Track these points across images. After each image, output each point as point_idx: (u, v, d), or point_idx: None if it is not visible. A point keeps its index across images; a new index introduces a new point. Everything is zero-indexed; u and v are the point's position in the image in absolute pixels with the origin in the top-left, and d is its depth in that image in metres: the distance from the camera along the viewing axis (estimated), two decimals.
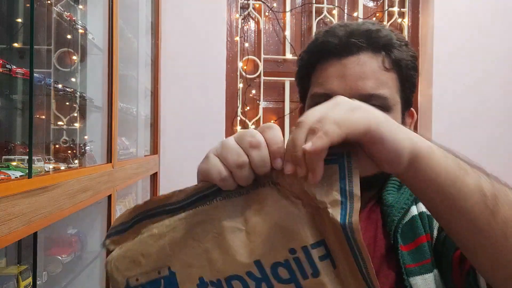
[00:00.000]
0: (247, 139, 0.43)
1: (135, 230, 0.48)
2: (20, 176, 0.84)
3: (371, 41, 0.68)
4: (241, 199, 0.45)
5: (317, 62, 0.71)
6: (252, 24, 2.70)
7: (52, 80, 1.19)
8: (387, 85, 0.68)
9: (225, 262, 0.44)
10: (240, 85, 2.62)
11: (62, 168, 1.19)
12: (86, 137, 1.51)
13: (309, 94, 0.73)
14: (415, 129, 0.75)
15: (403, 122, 0.73)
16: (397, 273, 0.65)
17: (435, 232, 0.67)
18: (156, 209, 0.47)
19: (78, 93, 1.42)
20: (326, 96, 0.66)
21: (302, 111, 0.79)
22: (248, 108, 2.65)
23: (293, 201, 0.44)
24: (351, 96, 0.64)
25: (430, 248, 0.66)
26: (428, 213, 0.67)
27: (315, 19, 2.69)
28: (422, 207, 0.69)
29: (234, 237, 0.44)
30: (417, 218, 0.67)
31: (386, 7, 2.77)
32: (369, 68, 0.67)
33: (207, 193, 0.46)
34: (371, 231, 0.70)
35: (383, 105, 0.67)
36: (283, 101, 2.69)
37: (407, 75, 0.71)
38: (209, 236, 0.45)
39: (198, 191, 0.46)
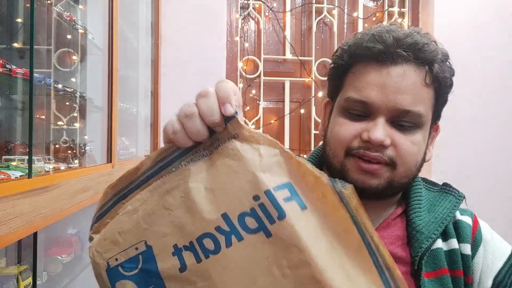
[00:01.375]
0: (197, 93, 0.48)
1: (112, 214, 0.49)
2: (20, 176, 0.84)
3: (417, 54, 0.66)
4: (205, 161, 0.47)
5: (354, 64, 0.70)
6: (252, 24, 2.70)
7: (52, 80, 1.19)
8: (424, 102, 0.67)
9: (194, 223, 0.45)
10: (240, 85, 2.62)
11: (62, 168, 1.19)
12: (86, 137, 1.51)
13: (342, 95, 0.71)
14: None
15: (428, 137, 0.73)
16: None
17: (479, 276, 0.70)
18: (128, 186, 0.48)
19: (78, 93, 1.42)
20: (362, 103, 0.66)
21: (328, 106, 0.78)
22: (248, 108, 2.65)
23: (254, 147, 0.45)
24: (388, 108, 0.65)
25: (455, 282, 0.68)
26: (464, 252, 0.70)
27: (315, 19, 2.69)
28: (453, 244, 0.70)
29: (200, 196, 0.45)
30: (442, 250, 0.69)
31: (386, 7, 2.77)
32: (410, 82, 0.66)
33: (172, 157, 0.47)
34: (390, 246, 0.70)
35: (416, 123, 0.66)
36: (283, 101, 2.69)
37: (444, 91, 0.71)
38: (178, 201, 0.46)
39: (162, 154, 0.48)
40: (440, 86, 0.70)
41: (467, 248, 0.70)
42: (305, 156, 0.86)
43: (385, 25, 0.71)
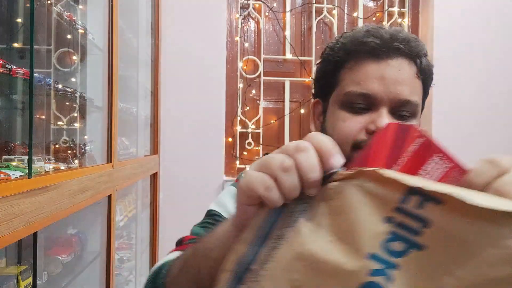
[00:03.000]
0: (290, 146, 0.40)
1: None
2: (20, 176, 0.84)
3: (410, 48, 0.70)
4: (305, 216, 0.41)
5: (350, 60, 0.72)
6: (252, 24, 2.70)
7: (52, 80, 1.19)
8: (417, 93, 0.71)
9: (340, 283, 0.38)
10: (240, 85, 2.62)
11: (62, 168, 1.19)
12: (86, 137, 1.51)
13: (339, 91, 0.72)
14: None
15: None
16: None
17: None
18: (239, 271, 0.42)
19: (78, 93, 1.42)
20: (364, 96, 0.68)
21: (318, 106, 0.79)
22: (248, 108, 2.65)
23: (352, 183, 0.40)
24: (389, 99, 0.67)
25: None
26: None
27: (315, 19, 2.69)
28: None
29: (327, 253, 0.39)
30: None
31: (386, 7, 2.77)
32: (406, 74, 0.69)
33: (268, 225, 0.41)
34: None
35: (413, 112, 0.71)
36: (283, 101, 2.69)
37: (429, 84, 0.75)
38: (304, 271, 0.40)
39: (255, 229, 0.41)
40: (427, 79, 0.74)
41: None
42: None
43: (376, 25, 0.73)
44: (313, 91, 0.84)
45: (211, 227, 0.74)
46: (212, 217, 0.77)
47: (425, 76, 0.73)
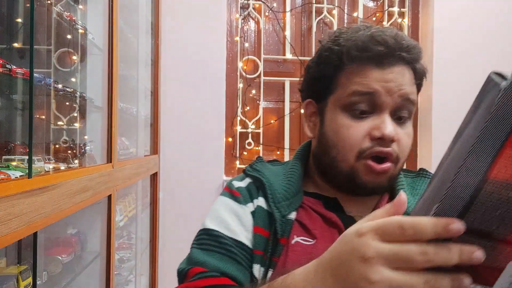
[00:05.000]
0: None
1: None
2: (20, 176, 0.84)
3: (412, 57, 0.71)
4: None
5: (353, 64, 0.71)
6: (252, 24, 2.70)
7: (52, 80, 1.19)
8: (414, 94, 0.73)
9: None
10: (240, 85, 2.62)
11: (62, 168, 1.19)
12: (86, 137, 1.50)
13: (341, 92, 0.72)
14: (415, 128, 0.80)
15: None
16: None
17: None
18: None
19: (78, 93, 1.42)
20: (370, 95, 0.69)
21: (311, 107, 0.79)
22: (248, 108, 2.65)
23: None
24: (393, 99, 0.68)
25: None
26: None
27: (315, 19, 2.69)
28: None
29: None
30: None
31: (386, 7, 2.77)
32: (406, 79, 0.71)
33: None
34: None
35: (411, 112, 0.72)
36: (283, 101, 2.69)
37: (420, 87, 0.77)
38: None
39: None
40: (420, 83, 0.76)
41: None
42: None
43: (368, 24, 0.74)
44: (300, 90, 0.82)
45: (216, 250, 0.70)
46: (215, 239, 0.72)
47: (419, 80, 0.75)
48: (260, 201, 0.75)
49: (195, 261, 0.70)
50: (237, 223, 0.74)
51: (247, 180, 0.80)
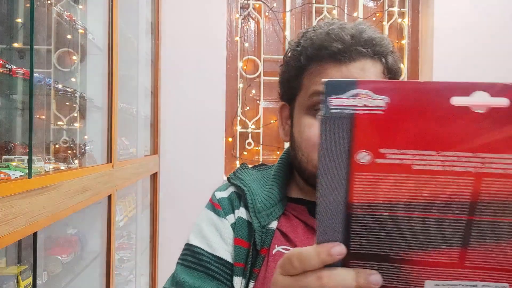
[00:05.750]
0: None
1: None
2: (20, 176, 0.84)
3: (374, 50, 0.68)
4: None
5: (312, 64, 0.70)
6: (252, 24, 2.70)
7: (52, 80, 1.19)
8: None
9: None
10: (240, 85, 2.62)
11: (62, 168, 1.19)
12: (86, 137, 1.50)
13: (303, 94, 0.71)
14: None
15: None
16: None
17: None
18: None
19: (78, 93, 1.42)
20: None
21: (285, 110, 0.78)
22: (248, 108, 2.65)
23: None
24: None
25: None
26: None
27: (315, 19, 2.69)
28: None
29: None
30: None
31: (386, 7, 2.77)
32: (371, 73, 0.68)
33: None
34: None
35: None
36: None
37: (396, 79, 0.74)
38: None
39: None
40: (395, 76, 0.73)
41: None
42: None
43: (332, 21, 0.72)
44: (278, 93, 0.82)
45: (196, 268, 0.72)
46: (195, 256, 0.73)
47: (392, 73, 0.72)
48: (241, 212, 0.75)
49: (176, 280, 0.72)
50: (217, 237, 0.74)
51: (230, 190, 0.79)
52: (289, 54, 0.74)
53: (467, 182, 0.34)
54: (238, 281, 0.70)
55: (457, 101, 0.32)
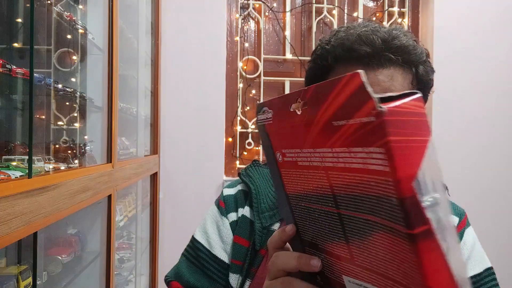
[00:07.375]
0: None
1: None
2: (20, 176, 0.84)
3: (404, 58, 0.65)
4: None
5: (339, 66, 0.68)
6: (252, 24, 2.70)
7: (52, 80, 1.19)
8: None
9: None
10: (240, 85, 2.62)
11: (62, 168, 1.19)
12: (86, 137, 1.50)
13: None
14: None
15: None
16: None
17: None
18: None
19: (78, 93, 1.42)
20: None
21: None
22: (248, 108, 2.65)
23: None
24: None
25: None
26: None
27: (315, 19, 2.69)
28: None
29: None
30: None
31: (386, 7, 2.77)
32: (398, 84, 0.65)
33: None
34: None
35: None
36: None
37: (427, 92, 0.71)
38: None
39: None
40: (424, 88, 0.70)
41: None
42: None
43: (367, 23, 0.68)
44: None
45: (195, 263, 0.76)
46: (195, 252, 0.77)
47: (422, 84, 0.69)
48: (246, 210, 0.76)
49: (177, 272, 0.76)
50: (217, 236, 0.76)
51: (238, 187, 0.80)
52: (318, 52, 0.71)
53: (322, 175, 0.36)
54: (234, 278, 0.71)
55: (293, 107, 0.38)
